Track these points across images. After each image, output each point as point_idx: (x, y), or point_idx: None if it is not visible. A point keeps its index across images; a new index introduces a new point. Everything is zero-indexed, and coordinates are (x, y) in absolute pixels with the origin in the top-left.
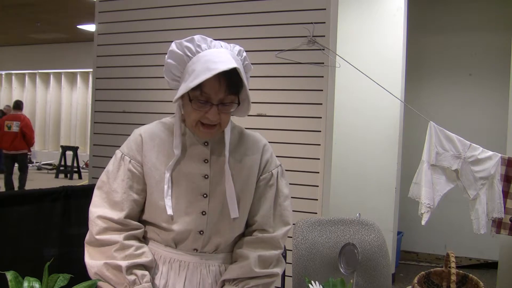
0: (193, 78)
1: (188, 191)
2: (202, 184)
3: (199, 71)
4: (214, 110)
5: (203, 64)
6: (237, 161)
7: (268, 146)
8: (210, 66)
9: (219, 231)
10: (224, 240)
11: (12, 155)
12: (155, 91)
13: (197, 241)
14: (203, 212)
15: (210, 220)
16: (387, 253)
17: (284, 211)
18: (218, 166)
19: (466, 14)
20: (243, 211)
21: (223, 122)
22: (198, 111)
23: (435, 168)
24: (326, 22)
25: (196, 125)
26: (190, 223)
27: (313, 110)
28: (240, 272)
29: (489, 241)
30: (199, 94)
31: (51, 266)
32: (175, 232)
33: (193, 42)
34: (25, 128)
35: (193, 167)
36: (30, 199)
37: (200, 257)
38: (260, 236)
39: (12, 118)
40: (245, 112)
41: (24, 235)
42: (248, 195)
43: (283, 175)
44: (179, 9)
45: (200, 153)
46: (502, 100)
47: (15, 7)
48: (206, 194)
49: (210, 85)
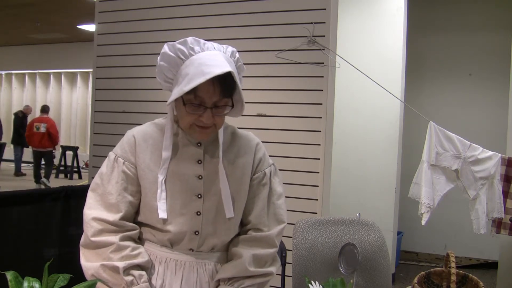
0: (186, 82)
1: (182, 192)
2: (196, 185)
3: (193, 75)
4: (208, 114)
5: (196, 67)
6: (230, 161)
7: (260, 145)
8: (204, 70)
9: (214, 232)
10: (220, 241)
11: (40, 152)
12: (155, 91)
13: (193, 241)
14: (198, 212)
15: (205, 221)
16: (387, 253)
17: (278, 209)
18: (212, 166)
19: (466, 14)
20: (238, 211)
21: (218, 124)
22: (192, 115)
23: (435, 168)
24: (326, 22)
25: (191, 127)
26: (185, 224)
27: (313, 110)
28: (235, 271)
29: (489, 241)
30: (193, 97)
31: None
32: (170, 233)
33: (186, 44)
34: (51, 129)
35: (187, 168)
36: (30, 199)
37: (196, 257)
38: (255, 234)
39: (40, 121)
40: (239, 112)
41: (24, 235)
42: (242, 194)
43: (276, 174)
44: (179, 9)
45: (194, 154)
46: (502, 100)
47: (15, 7)
48: (200, 195)
49: (204, 89)
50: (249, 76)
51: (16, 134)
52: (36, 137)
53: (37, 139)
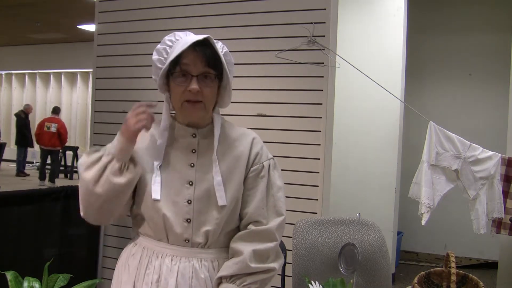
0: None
1: (175, 180)
2: (188, 172)
3: (177, 50)
4: (194, 81)
5: (180, 44)
6: (225, 151)
7: (258, 139)
8: (187, 41)
9: (207, 220)
10: (212, 229)
11: (48, 150)
12: (155, 91)
13: (187, 230)
14: (189, 201)
15: (196, 208)
16: (387, 253)
17: (277, 201)
18: (206, 155)
19: (466, 14)
20: (232, 201)
21: (206, 98)
22: (180, 87)
23: (435, 168)
24: (326, 22)
25: (182, 105)
26: (177, 212)
27: (313, 110)
28: (236, 268)
29: (489, 241)
30: (179, 69)
31: (51, 266)
32: (163, 220)
33: (173, 35)
34: (61, 129)
35: (180, 157)
36: (30, 199)
37: (191, 250)
38: (254, 229)
39: (51, 121)
40: (227, 101)
41: (24, 235)
42: (235, 184)
43: (276, 168)
44: (179, 9)
45: (188, 144)
46: (502, 100)
47: (15, 7)
48: (191, 182)
49: (188, 57)
50: (249, 76)
51: (20, 135)
52: (46, 136)
53: (47, 138)
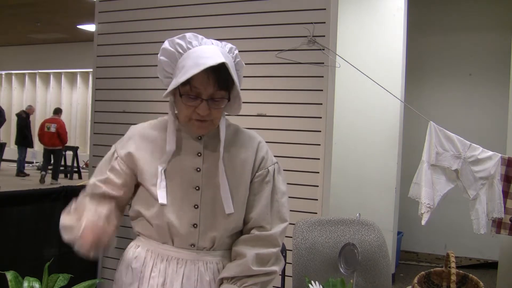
0: (182, 73)
1: (181, 184)
2: (194, 177)
3: (189, 67)
4: (204, 105)
5: (192, 60)
6: (231, 156)
7: (263, 143)
8: (199, 62)
9: (213, 225)
10: (219, 235)
11: (50, 150)
12: (155, 91)
13: (193, 235)
14: (196, 205)
15: (203, 214)
16: (387, 253)
17: (282, 207)
18: (211, 160)
19: (466, 14)
20: (238, 207)
21: (215, 119)
22: (188, 107)
23: (435, 168)
24: (326, 22)
25: (190, 120)
26: (183, 217)
27: (313, 110)
28: (238, 270)
29: (489, 241)
30: (189, 89)
31: (51, 266)
32: (169, 225)
33: (184, 39)
34: (60, 129)
35: (186, 161)
36: (30, 199)
37: (197, 254)
38: (258, 234)
39: (51, 121)
40: (236, 109)
41: (24, 235)
42: (242, 190)
43: (280, 173)
44: (179, 9)
45: (193, 147)
46: (502, 100)
47: (15, 7)
48: (198, 187)
49: (199, 80)
50: (249, 76)
51: (20, 135)
52: (47, 136)
53: (47, 138)
